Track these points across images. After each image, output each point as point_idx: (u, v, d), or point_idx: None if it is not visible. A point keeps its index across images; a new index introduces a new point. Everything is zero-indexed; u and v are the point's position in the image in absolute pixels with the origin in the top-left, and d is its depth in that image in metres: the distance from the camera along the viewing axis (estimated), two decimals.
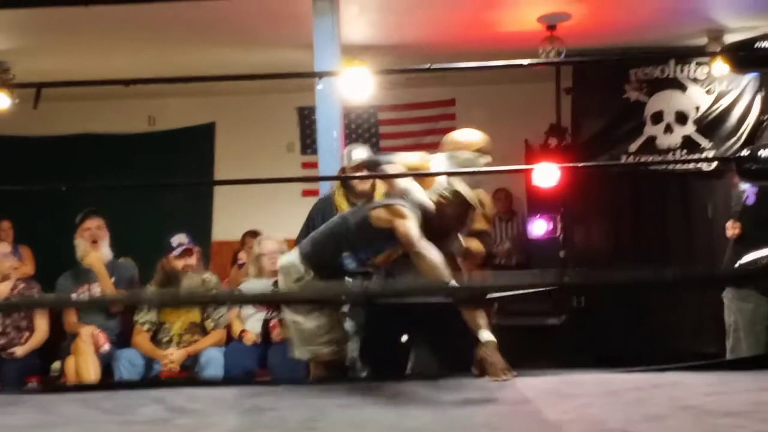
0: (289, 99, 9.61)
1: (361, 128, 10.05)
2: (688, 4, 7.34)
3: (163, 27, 7.61)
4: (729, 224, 5.90)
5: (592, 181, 8.37)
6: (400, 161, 4.62)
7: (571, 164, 5.09)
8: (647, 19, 7.50)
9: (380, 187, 5.44)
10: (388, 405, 3.82)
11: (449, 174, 4.55)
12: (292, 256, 4.62)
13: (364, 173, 5.27)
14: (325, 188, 6.12)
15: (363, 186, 5.44)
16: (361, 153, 5.52)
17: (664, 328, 8.02)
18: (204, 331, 6.60)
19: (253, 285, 6.66)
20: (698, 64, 8.27)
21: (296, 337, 4.67)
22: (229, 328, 6.71)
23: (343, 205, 5.46)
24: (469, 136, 4.90)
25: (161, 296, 5.93)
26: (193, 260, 6.66)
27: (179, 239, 6.68)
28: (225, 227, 9.87)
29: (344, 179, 5.62)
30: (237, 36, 7.87)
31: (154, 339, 6.56)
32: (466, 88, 9.63)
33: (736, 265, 5.59)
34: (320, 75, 6.69)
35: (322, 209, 5.42)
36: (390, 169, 4.58)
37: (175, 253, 6.62)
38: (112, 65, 7.99)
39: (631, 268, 6.43)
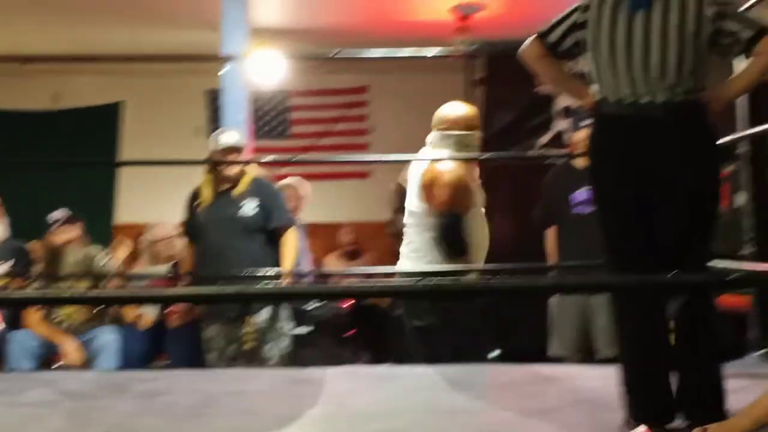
0: (199, 81, 9.37)
1: (271, 113, 9.94)
2: None
3: (70, 3, 7.44)
4: None
5: (501, 173, 8.35)
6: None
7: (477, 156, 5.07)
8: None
9: (250, 172, 5.41)
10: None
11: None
12: None
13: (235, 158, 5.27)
14: None
15: (230, 171, 5.38)
16: (230, 137, 5.45)
17: None
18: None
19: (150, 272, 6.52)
20: None
21: None
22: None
23: (207, 191, 5.39)
24: (457, 110, 4.71)
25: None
26: (73, 233, 6.42)
27: (56, 215, 6.46)
28: (128, 210, 9.71)
29: (245, 163, 5.53)
30: (145, 14, 7.72)
31: (48, 318, 6.27)
32: (379, 76, 9.54)
33: None
34: (226, 58, 6.58)
35: None
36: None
37: (53, 228, 6.40)
38: (15, 41, 7.82)
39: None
